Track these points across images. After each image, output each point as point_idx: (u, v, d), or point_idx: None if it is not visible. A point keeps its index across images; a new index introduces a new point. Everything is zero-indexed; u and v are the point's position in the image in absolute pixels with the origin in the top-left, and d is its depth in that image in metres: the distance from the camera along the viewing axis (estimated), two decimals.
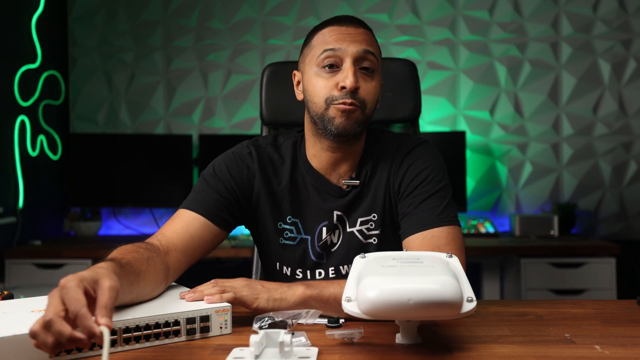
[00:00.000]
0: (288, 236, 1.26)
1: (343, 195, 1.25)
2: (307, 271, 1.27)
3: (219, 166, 1.25)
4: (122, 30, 3.45)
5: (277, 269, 1.29)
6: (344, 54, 1.16)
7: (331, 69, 1.17)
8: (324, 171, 1.25)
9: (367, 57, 1.18)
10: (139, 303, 0.97)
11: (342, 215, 1.25)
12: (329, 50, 1.17)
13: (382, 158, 1.26)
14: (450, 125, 3.32)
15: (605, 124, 3.26)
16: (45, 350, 0.74)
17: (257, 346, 0.77)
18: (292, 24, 3.38)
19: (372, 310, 0.79)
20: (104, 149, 3.30)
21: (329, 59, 1.17)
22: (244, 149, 1.28)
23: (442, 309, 0.79)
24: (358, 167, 1.26)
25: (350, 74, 1.15)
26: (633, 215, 3.25)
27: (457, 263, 0.93)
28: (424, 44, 3.34)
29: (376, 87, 1.20)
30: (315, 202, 1.25)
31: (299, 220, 1.26)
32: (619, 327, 0.98)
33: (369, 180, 1.25)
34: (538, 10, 3.29)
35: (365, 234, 1.25)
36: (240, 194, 1.24)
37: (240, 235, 3.15)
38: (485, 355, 0.83)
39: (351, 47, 1.17)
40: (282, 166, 1.26)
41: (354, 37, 1.18)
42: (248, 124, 3.40)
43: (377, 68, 1.21)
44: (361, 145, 1.27)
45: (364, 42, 1.18)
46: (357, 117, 1.17)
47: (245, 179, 1.24)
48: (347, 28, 1.19)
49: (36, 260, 2.83)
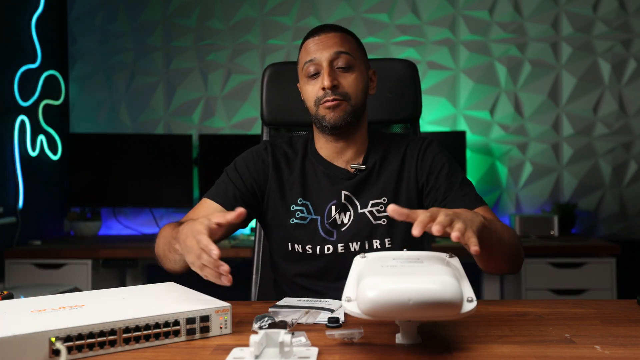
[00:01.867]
0: (299, 216, 1.38)
1: (350, 178, 1.38)
2: (317, 246, 1.36)
3: (240, 162, 1.43)
4: (122, 30, 3.45)
5: (289, 249, 1.39)
6: (320, 60, 1.33)
7: (314, 76, 1.35)
8: (331, 158, 1.40)
9: (340, 57, 1.33)
10: (139, 299, 0.98)
11: (350, 195, 1.37)
12: (308, 61, 1.35)
13: (391, 150, 1.41)
14: (450, 125, 3.32)
15: (605, 124, 3.26)
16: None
17: (257, 346, 0.77)
18: (292, 24, 3.38)
19: (372, 310, 0.79)
20: (104, 149, 3.30)
21: (310, 69, 1.35)
22: (262, 146, 1.45)
23: (442, 309, 0.79)
24: (365, 155, 1.40)
25: (325, 75, 1.32)
26: (633, 215, 3.25)
27: (457, 263, 0.94)
28: (424, 44, 3.34)
29: (357, 79, 1.34)
30: (325, 185, 1.39)
31: (309, 202, 1.38)
32: (619, 327, 0.98)
33: (379, 168, 1.39)
34: (538, 10, 3.29)
35: (376, 215, 1.36)
36: (256, 186, 1.40)
37: (240, 235, 3.15)
38: (485, 355, 0.83)
39: (325, 53, 1.33)
40: (295, 158, 1.42)
41: (326, 43, 1.34)
42: (248, 124, 3.40)
43: (354, 63, 1.35)
44: (363, 133, 1.41)
45: (335, 45, 1.33)
46: (345, 109, 1.33)
47: (262, 171, 1.41)
48: (319, 37, 1.35)
49: (36, 260, 2.83)
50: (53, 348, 0.80)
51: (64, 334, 0.81)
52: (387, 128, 1.71)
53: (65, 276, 2.81)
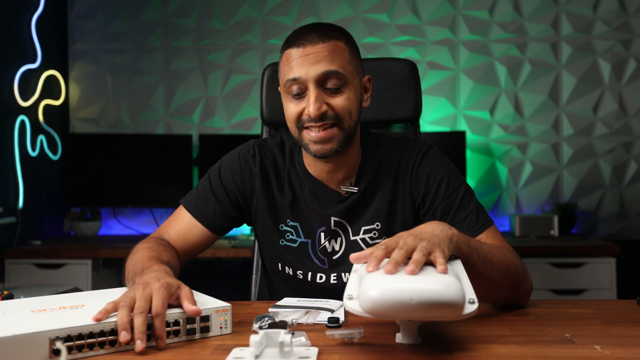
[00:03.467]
0: (289, 238, 1.28)
1: (341, 201, 1.25)
2: (309, 273, 1.28)
3: (225, 170, 1.29)
4: (122, 30, 3.45)
5: (279, 269, 1.31)
6: (306, 80, 1.14)
7: (298, 97, 1.16)
8: (322, 178, 1.25)
9: (329, 77, 1.14)
10: None
11: (341, 221, 1.25)
12: (291, 80, 1.15)
13: (384, 166, 1.26)
14: (450, 125, 3.32)
15: (605, 124, 3.26)
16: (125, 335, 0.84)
17: (257, 346, 0.77)
18: (292, 24, 3.38)
19: (373, 309, 0.79)
20: (104, 149, 3.30)
21: (293, 88, 1.15)
22: (249, 150, 1.29)
23: (444, 310, 0.79)
24: (358, 173, 1.25)
25: (312, 101, 1.13)
26: (633, 215, 3.25)
27: (459, 265, 0.93)
28: (424, 44, 3.34)
29: (349, 98, 1.16)
30: (313, 207, 1.25)
31: (299, 224, 1.27)
32: (619, 327, 0.97)
33: (371, 189, 1.25)
34: (538, 10, 3.29)
35: (369, 243, 1.25)
36: (241, 198, 1.29)
37: (240, 235, 3.15)
38: (485, 355, 0.83)
39: (311, 71, 1.13)
40: (284, 169, 1.28)
41: (313, 58, 1.13)
42: (248, 124, 3.40)
43: (346, 80, 1.16)
44: (356, 151, 1.26)
45: (323, 62, 1.13)
46: (335, 137, 1.16)
47: (247, 182, 1.28)
48: (305, 49, 1.14)
49: (36, 260, 2.83)
50: (53, 348, 0.80)
51: (64, 334, 0.81)
52: (387, 128, 1.70)
53: (65, 276, 2.81)
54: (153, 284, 0.91)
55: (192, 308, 0.90)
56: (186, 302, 0.91)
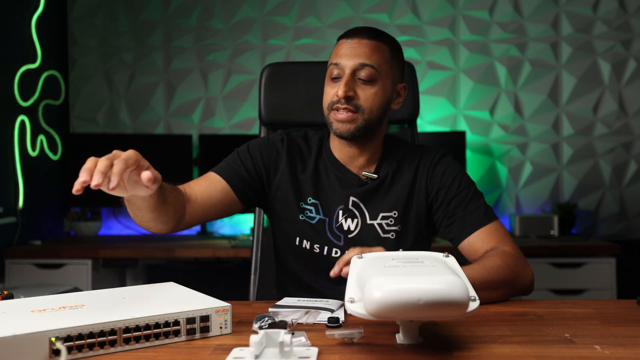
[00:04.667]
0: (308, 215, 1.37)
1: (361, 185, 1.37)
2: (325, 247, 1.36)
3: (253, 146, 1.41)
4: (122, 30, 3.45)
5: (296, 243, 1.38)
6: (344, 67, 1.29)
7: (335, 80, 1.31)
8: (345, 161, 1.38)
9: (363, 69, 1.28)
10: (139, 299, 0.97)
11: (359, 202, 1.36)
12: (333, 64, 1.31)
13: (404, 162, 1.39)
14: (450, 125, 3.32)
15: (605, 124, 3.26)
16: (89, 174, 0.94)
17: (257, 346, 0.77)
18: (292, 24, 3.38)
19: (379, 311, 0.78)
20: (104, 149, 3.26)
21: (334, 71, 1.31)
22: (278, 136, 1.43)
23: (450, 309, 0.78)
24: (378, 164, 1.38)
25: (342, 84, 1.28)
26: (633, 215, 3.25)
27: (454, 262, 0.94)
28: (424, 44, 3.34)
29: (377, 93, 1.30)
30: (335, 187, 1.37)
31: (319, 202, 1.37)
32: (619, 327, 0.98)
33: (391, 179, 1.37)
34: (538, 10, 3.30)
35: (385, 229, 1.35)
36: (265, 172, 1.39)
37: (240, 235, 3.15)
38: (485, 355, 0.83)
39: (349, 62, 1.29)
40: (309, 155, 1.41)
41: (355, 50, 1.29)
42: (248, 124, 3.40)
43: (378, 77, 1.30)
44: (378, 142, 1.38)
45: (362, 55, 1.29)
46: (356, 122, 1.29)
47: (273, 160, 1.39)
48: (352, 41, 1.30)
49: (36, 260, 2.83)
50: (53, 348, 0.80)
51: (64, 334, 0.81)
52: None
53: (65, 276, 2.80)
54: (129, 150, 0.99)
55: (146, 173, 0.98)
56: (145, 170, 0.99)
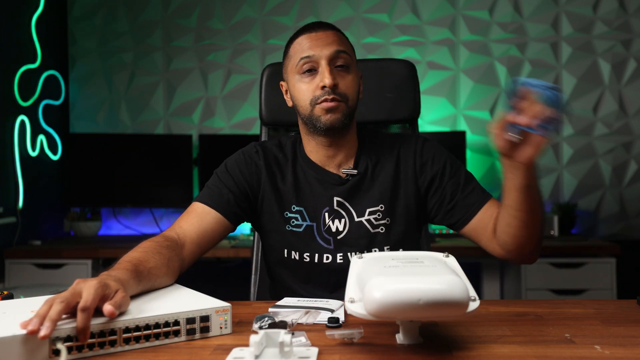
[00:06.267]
0: (294, 224, 1.34)
1: (342, 183, 1.34)
2: (315, 255, 1.33)
3: (231, 165, 1.37)
4: (122, 30, 3.45)
5: (284, 256, 1.35)
6: (319, 58, 1.27)
7: (310, 74, 1.29)
8: (322, 162, 1.36)
9: (340, 56, 1.28)
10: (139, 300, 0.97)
11: (343, 202, 1.34)
12: (305, 57, 1.28)
13: (383, 152, 1.37)
14: (450, 125, 3.32)
15: (605, 124, 3.26)
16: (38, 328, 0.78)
17: (257, 346, 0.77)
18: (292, 24, 3.38)
19: (380, 311, 0.78)
20: (104, 149, 3.30)
21: (306, 65, 1.29)
22: (252, 148, 1.39)
23: (451, 309, 0.78)
24: (356, 158, 1.36)
25: (326, 73, 1.26)
26: (633, 215, 3.25)
27: (454, 262, 0.94)
28: (424, 44, 3.34)
29: (354, 80, 1.31)
30: (317, 191, 1.35)
31: (303, 208, 1.34)
32: (619, 327, 0.98)
33: (372, 172, 1.35)
34: (538, 10, 3.29)
35: (374, 224, 1.34)
36: (248, 188, 1.35)
37: (240, 235, 3.15)
38: (485, 355, 0.83)
39: (324, 51, 1.28)
40: (286, 163, 1.37)
41: (324, 40, 1.29)
42: (248, 124, 3.40)
43: (351, 63, 1.31)
44: (353, 137, 1.37)
45: (334, 43, 1.29)
46: (343, 110, 1.28)
47: (254, 174, 1.35)
48: (317, 33, 1.30)
49: (36, 260, 2.83)
50: (53, 348, 0.80)
51: (64, 334, 0.81)
52: (386, 128, 1.71)
53: (65, 276, 2.81)
54: (90, 282, 0.86)
55: (108, 307, 0.84)
56: (108, 302, 0.85)
